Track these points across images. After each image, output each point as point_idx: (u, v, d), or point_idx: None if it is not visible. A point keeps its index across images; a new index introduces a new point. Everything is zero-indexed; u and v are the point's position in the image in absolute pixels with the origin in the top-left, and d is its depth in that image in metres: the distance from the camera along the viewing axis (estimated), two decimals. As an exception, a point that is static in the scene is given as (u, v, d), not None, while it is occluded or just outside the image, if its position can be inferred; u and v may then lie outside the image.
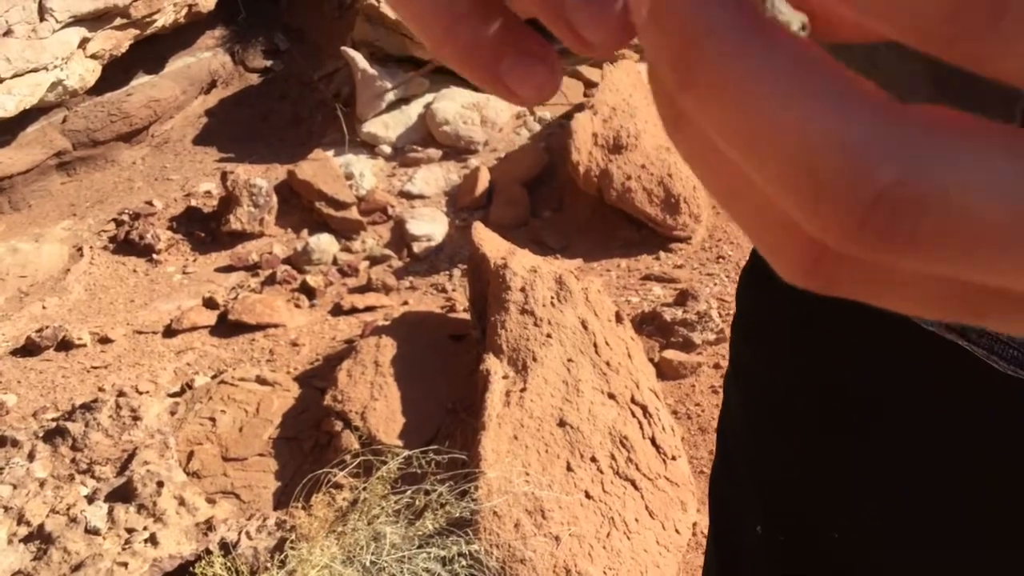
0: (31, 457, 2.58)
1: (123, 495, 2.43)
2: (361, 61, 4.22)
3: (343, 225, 3.85)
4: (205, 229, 3.99)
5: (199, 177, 4.41)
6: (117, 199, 4.32)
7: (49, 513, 2.38)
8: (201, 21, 4.81)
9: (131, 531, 2.30)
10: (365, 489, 2.20)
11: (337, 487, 2.33)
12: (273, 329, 3.38)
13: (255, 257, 3.79)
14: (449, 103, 4.20)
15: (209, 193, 4.22)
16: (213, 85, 5.00)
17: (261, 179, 3.98)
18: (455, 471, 2.16)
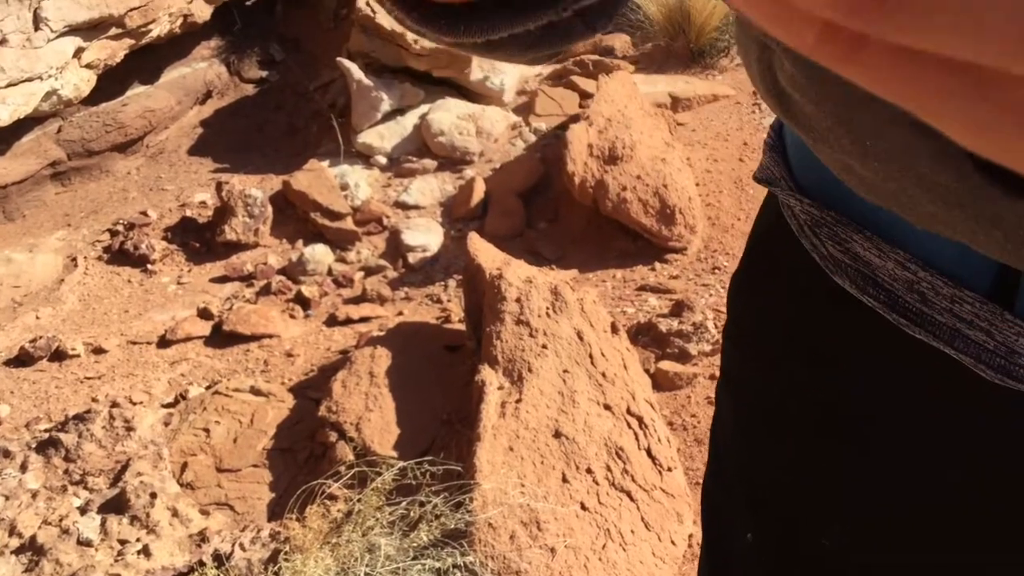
0: (23, 468, 2.57)
1: (116, 506, 2.42)
2: (357, 72, 4.22)
3: (338, 235, 3.85)
4: (200, 239, 3.98)
5: (194, 187, 4.40)
6: (112, 209, 4.32)
7: (41, 524, 2.36)
8: (197, 31, 4.81)
9: (124, 543, 2.29)
10: (359, 500, 2.19)
11: (331, 498, 2.32)
12: (268, 339, 3.37)
13: (250, 267, 3.78)
14: (444, 114, 4.20)
15: (204, 203, 4.21)
16: (208, 95, 5.00)
17: (256, 189, 3.98)
18: (450, 482, 2.15)
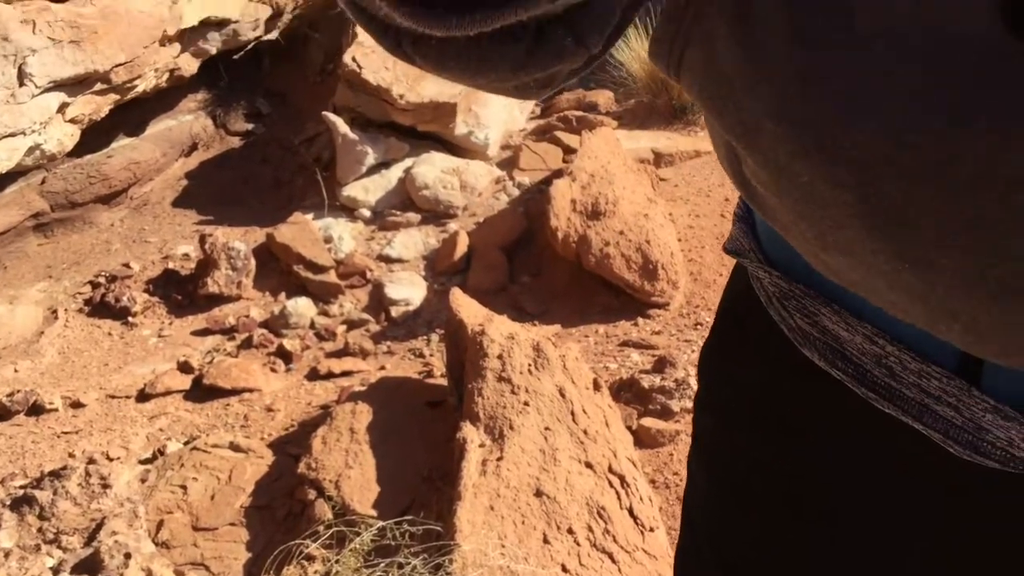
0: (-4, 527, 2.52)
1: (90, 567, 2.38)
2: (342, 126, 4.25)
3: (321, 289, 3.84)
4: (182, 292, 3.97)
5: (177, 240, 4.40)
6: (94, 261, 4.30)
7: (12, 586, 2.32)
8: (183, 85, 4.84)
9: (96, 605, 2.25)
10: (338, 562, 2.16)
11: (309, 559, 2.29)
12: (248, 394, 3.35)
13: (232, 320, 3.76)
14: (429, 167, 4.22)
15: (187, 256, 4.21)
16: (194, 148, 5.02)
17: (239, 242, 3.98)
18: (429, 543, 2.12)
